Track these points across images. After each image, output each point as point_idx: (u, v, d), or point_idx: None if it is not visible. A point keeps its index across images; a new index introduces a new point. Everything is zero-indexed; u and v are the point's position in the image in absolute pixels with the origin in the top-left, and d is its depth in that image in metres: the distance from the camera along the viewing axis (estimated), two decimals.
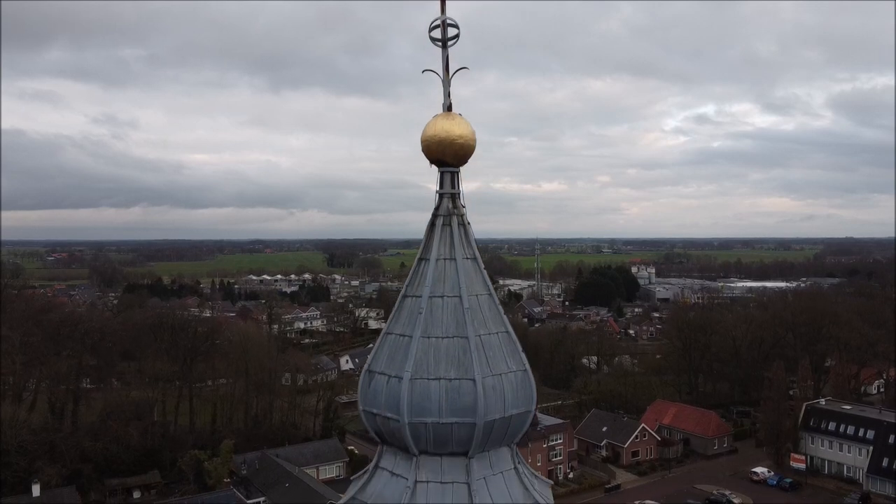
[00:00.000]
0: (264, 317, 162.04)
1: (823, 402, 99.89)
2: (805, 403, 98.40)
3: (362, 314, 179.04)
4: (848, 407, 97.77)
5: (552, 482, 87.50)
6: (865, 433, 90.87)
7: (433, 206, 8.48)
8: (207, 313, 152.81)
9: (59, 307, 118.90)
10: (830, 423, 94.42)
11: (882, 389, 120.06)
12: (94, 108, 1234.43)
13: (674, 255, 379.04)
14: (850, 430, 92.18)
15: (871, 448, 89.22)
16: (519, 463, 8.20)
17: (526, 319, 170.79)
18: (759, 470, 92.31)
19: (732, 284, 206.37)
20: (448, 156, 8.42)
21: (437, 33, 8.25)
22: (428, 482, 7.72)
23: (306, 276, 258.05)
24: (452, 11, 8.30)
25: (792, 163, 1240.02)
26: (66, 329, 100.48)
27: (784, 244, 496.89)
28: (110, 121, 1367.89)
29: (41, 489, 70.10)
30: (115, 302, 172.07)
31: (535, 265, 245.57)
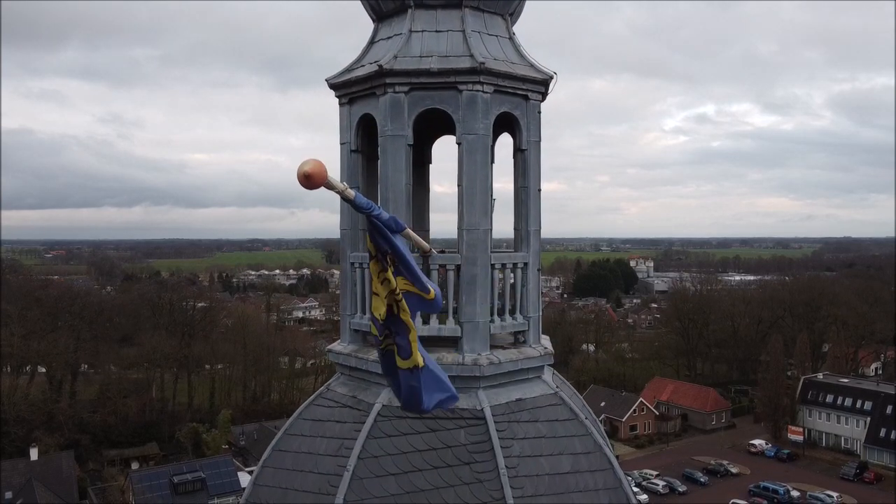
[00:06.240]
0: (263, 306, 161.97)
1: (821, 376, 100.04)
2: (803, 377, 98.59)
3: None
4: (846, 380, 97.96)
5: None
6: (863, 405, 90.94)
7: None
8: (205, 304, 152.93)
9: (57, 285, 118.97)
10: (828, 396, 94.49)
11: (880, 371, 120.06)
12: (100, 108, 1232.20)
13: (672, 252, 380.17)
14: (848, 402, 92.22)
15: (869, 419, 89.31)
16: (514, 35, 8.48)
17: None
18: (756, 442, 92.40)
19: (730, 278, 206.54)
20: None
21: None
22: (423, 31, 7.99)
23: (305, 271, 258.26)
24: None
25: (791, 163, 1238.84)
26: (65, 303, 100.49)
27: (783, 243, 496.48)
28: (116, 120, 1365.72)
29: (38, 454, 69.97)
30: (114, 294, 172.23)
31: None
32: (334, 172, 8.34)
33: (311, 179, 4.02)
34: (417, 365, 5.77)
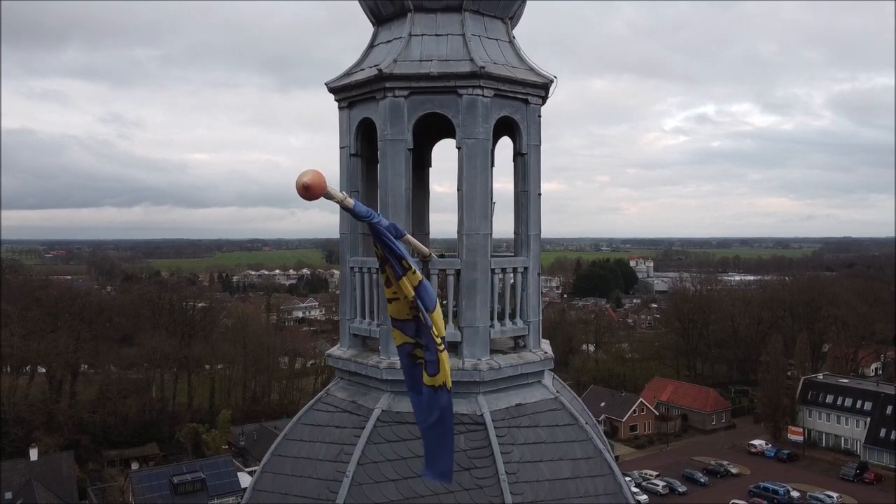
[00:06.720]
0: (263, 306, 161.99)
1: (821, 376, 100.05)
2: (803, 377, 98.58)
3: None
4: (845, 380, 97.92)
5: None
6: (863, 405, 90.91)
7: None
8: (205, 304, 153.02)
9: (57, 285, 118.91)
10: (828, 396, 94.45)
11: (880, 372, 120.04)
12: (100, 108, 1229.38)
13: (672, 252, 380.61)
14: (848, 402, 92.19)
15: (869, 419, 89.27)
16: (514, 39, 8.46)
17: None
18: (756, 442, 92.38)
19: (730, 278, 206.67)
20: None
21: None
22: (423, 35, 7.96)
23: (305, 271, 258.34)
24: None
25: (791, 163, 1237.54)
26: (65, 303, 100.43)
27: (783, 243, 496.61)
28: (116, 120, 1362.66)
29: (38, 455, 69.92)
30: (114, 294, 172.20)
31: None
32: (334, 176, 8.35)
33: (310, 190, 3.99)
34: (446, 384, 5.49)
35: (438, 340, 5.37)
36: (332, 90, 8.47)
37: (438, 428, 5.67)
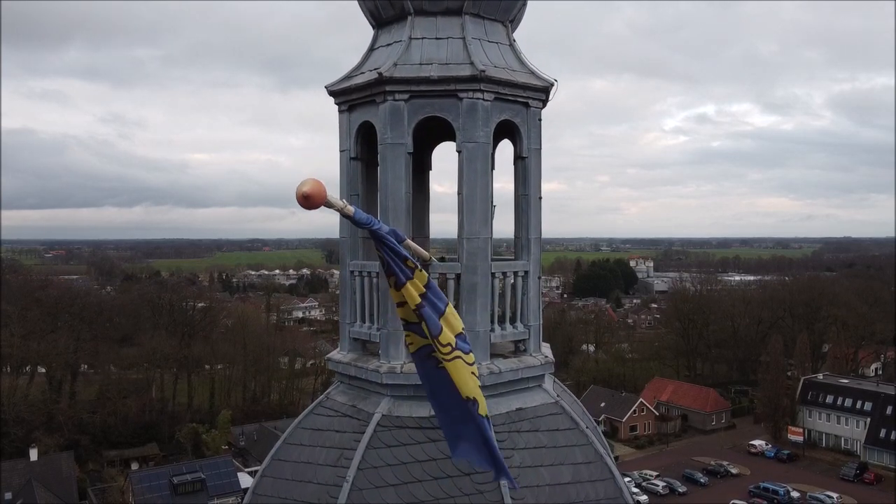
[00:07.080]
0: (263, 306, 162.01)
1: (821, 377, 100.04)
2: (803, 377, 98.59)
3: None
4: (845, 380, 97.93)
5: None
6: (863, 405, 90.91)
7: None
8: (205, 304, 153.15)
9: (57, 285, 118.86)
10: (828, 397, 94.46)
11: (880, 372, 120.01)
12: (101, 108, 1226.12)
13: (672, 252, 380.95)
14: (848, 402, 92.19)
15: (869, 420, 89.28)
16: (514, 42, 8.45)
17: None
18: (756, 442, 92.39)
19: (730, 278, 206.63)
20: None
21: None
22: (423, 39, 7.94)
23: (305, 271, 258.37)
24: None
25: (791, 163, 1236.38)
26: (65, 303, 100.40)
27: (783, 243, 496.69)
28: (117, 120, 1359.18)
29: (38, 455, 69.90)
30: (114, 294, 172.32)
31: None
32: (334, 179, 8.33)
33: (310, 200, 3.98)
34: (459, 392, 5.23)
35: (446, 350, 5.18)
36: (332, 93, 8.46)
37: (478, 436, 5.40)
